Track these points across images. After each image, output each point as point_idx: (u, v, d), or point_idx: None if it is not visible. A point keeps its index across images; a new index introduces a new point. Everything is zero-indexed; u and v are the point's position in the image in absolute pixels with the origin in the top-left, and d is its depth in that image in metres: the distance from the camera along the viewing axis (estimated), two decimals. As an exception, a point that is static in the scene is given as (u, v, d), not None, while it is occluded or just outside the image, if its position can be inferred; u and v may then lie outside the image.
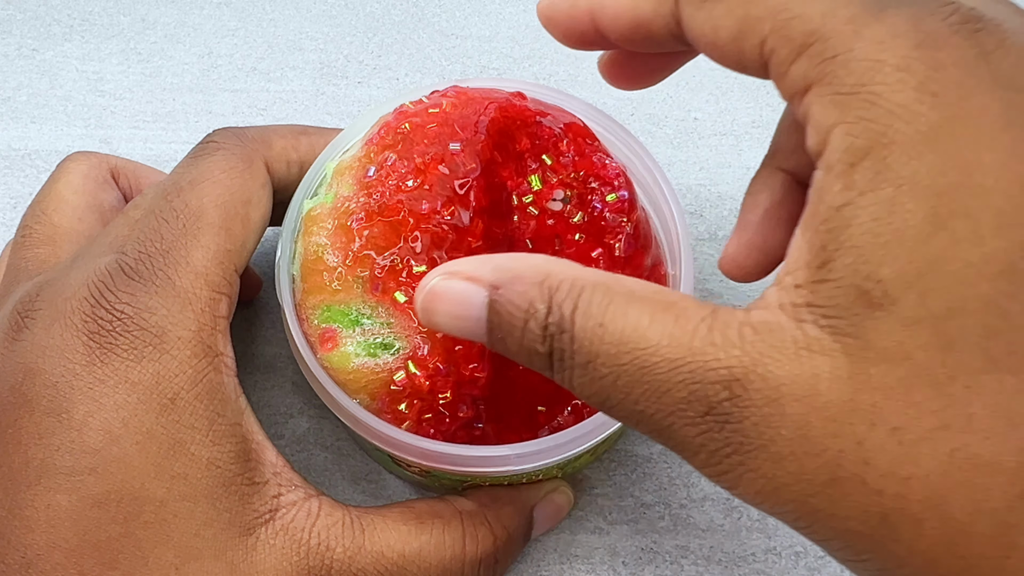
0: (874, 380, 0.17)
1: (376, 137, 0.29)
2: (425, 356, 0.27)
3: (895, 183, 0.17)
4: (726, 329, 0.18)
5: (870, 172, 0.17)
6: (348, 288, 0.27)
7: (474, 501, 0.29)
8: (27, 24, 0.43)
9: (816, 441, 0.17)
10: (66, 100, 0.42)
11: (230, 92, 0.42)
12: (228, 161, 0.28)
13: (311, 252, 0.28)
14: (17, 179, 0.40)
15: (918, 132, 0.17)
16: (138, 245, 0.26)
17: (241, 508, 0.26)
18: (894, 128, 0.17)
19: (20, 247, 0.30)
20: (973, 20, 0.18)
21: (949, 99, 0.17)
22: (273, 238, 0.36)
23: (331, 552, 0.26)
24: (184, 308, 0.26)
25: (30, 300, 0.27)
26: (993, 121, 0.17)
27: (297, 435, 0.35)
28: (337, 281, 0.27)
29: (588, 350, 0.19)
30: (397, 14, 0.44)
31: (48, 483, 0.24)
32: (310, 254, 0.28)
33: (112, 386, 0.25)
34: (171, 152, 0.40)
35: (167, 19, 0.44)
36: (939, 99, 0.17)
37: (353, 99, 0.42)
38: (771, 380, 0.17)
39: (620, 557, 0.33)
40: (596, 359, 0.19)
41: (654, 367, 0.18)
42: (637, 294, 0.20)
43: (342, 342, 0.28)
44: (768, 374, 0.17)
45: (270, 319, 0.37)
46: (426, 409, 0.27)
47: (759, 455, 0.18)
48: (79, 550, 0.24)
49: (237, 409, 0.26)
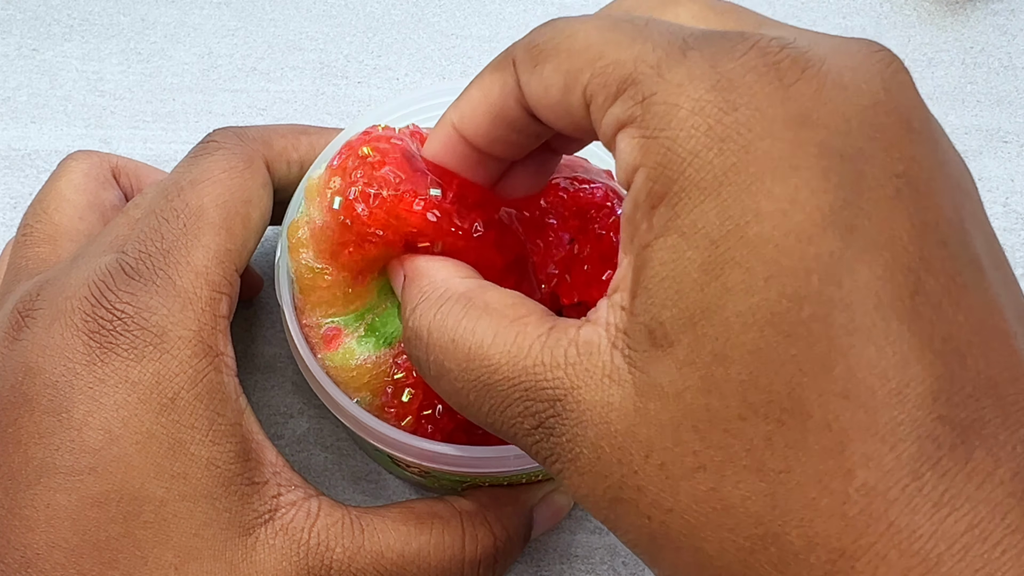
0: (651, 415, 0.18)
1: (336, 160, 0.27)
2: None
3: (679, 230, 0.18)
4: (555, 348, 0.20)
5: (664, 217, 0.18)
6: (346, 300, 0.28)
7: (474, 501, 0.29)
8: (27, 24, 0.43)
9: (605, 464, 0.19)
10: (66, 100, 0.42)
11: (230, 92, 0.42)
12: (228, 161, 0.28)
13: (303, 270, 0.28)
14: (17, 179, 0.40)
15: (703, 180, 0.17)
16: (138, 244, 0.26)
17: (241, 508, 0.26)
18: (684, 175, 0.18)
19: (21, 246, 0.30)
20: (773, 52, 0.18)
21: (736, 145, 0.17)
22: (273, 238, 0.36)
23: (331, 552, 0.26)
24: (184, 308, 0.26)
25: (30, 299, 0.27)
26: (777, 166, 0.17)
27: (297, 435, 0.35)
28: (332, 295, 0.28)
29: (441, 363, 0.21)
30: (397, 14, 0.44)
31: (48, 482, 0.24)
32: (303, 271, 0.28)
33: (112, 385, 0.25)
34: (171, 152, 0.40)
35: (167, 19, 0.44)
36: (725, 145, 0.17)
37: (353, 99, 0.42)
38: (581, 404, 0.19)
39: (620, 557, 0.33)
40: (449, 373, 0.21)
41: (496, 384, 0.20)
42: (491, 307, 0.21)
43: (345, 340, 0.28)
44: (580, 398, 0.19)
45: (270, 319, 0.37)
46: (426, 404, 0.27)
47: (571, 467, 0.19)
48: (79, 550, 0.24)
49: (237, 409, 0.26)
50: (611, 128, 0.19)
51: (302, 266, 0.27)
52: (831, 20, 0.43)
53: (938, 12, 0.44)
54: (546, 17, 0.43)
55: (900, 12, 0.44)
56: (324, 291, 0.28)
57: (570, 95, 0.20)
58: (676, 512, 0.18)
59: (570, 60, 0.20)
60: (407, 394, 0.28)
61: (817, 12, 0.43)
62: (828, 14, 0.44)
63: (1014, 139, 0.41)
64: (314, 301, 0.28)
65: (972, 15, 0.44)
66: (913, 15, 0.44)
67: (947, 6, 0.44)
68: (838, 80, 0.18)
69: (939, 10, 0.44)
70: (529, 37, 0.22)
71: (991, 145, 0.41)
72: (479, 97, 0.23)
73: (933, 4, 0.44)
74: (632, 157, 0.19)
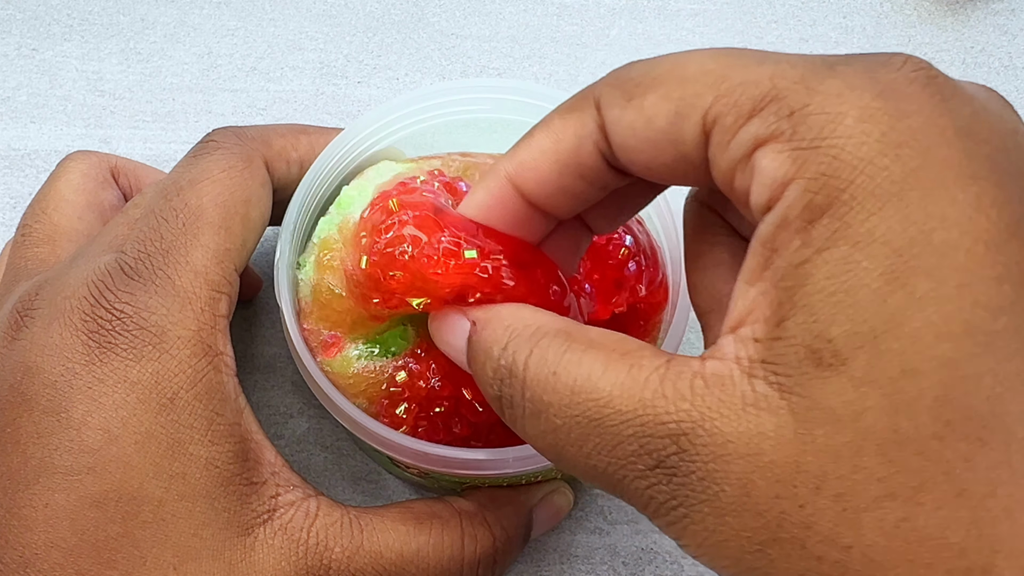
0: (819, 442, 0.16)
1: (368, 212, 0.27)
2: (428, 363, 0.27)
3: (852, 240, 0.17)
4: (678, 380, 0.18)
5: (828, 230, 0.17)
6: (354, 326, 0.28)
7: (473, 502, 0.29)
8: (27, 24, 0.43)
9: (759, 500, 0.17)
10: (66, 100, 0.42)
11: (230, 92, 0.42)
12: (227, 160, 0.28)
13: (324, 289, 0.28)
14: (17, 179, 0.40)
15: (879, 187, 0.16)
16: (137, 244, 0.26)
17: (239, 508, 0.26)
18: (855, 184, 0.17)
19: (20, 246, 0.30)
20: (926, 68, 0.18)
21: (913, 151, 0.17)
22: (273, 238, 0.36)
23: (329, 552, 0.26)
24: (184, 307, 0.26)
25: (30, 299, 0.27)
26: (957, 173, 0.17)
27: (297, 435, 0.35)
28: (342, 319, 0.28)
29: (540, 399, 0.19)
30: (397, 14, 0.44)
31: (47, 482, 0.24)
32: (323, 290, 0.28)
33: (111, 385, 0.25)
34: (171, 152, 0.40)
35: (167, 19, 0.43)
36: (902, 151, 0.17)
37: (353, 99, 0.42)
38: (717, 436, 0.17)
39: (620, 557, 0.33)
40: (548, 409, 0.19)
41: (605, 419, 0.18)
42: (596, 342, 0.19)
43: (345, 348, 0.28)
44: (715, 430, 0.17)
45: (270, 319, 0.37)
46: (423, 417, 0.27)
47: (702, 509, 0.17)
48: (77, 549, 0.24)
49: (236, 409, 0.26)
50: (746, 147, 0.18)
51: (324, 285, 0.28)
52: (831, 20, 0.43)
53: (938, 12, 0.44)
54: (546, 17, 0.43)
55: (900, 12, 0.44)
56: (337, 313, 0.28)
57: (683, 121, 0.19)
58: (857, 548, 0.16)
59: (683, 87, 0.19)
60: (402, 409, 0.28)
61: (817, 12, 0.43)
62: (828, 14, 0.43)
63: (1014, 139, 0.41)
64: (323, 315, 0.28)
65: (972, 15, 0.44)
66: (913, 15, 0.44)
67: (947, 6, 0.44)
68: (984, 103, 0.18)
69: (939, 10, 0.44)
70: (615, 75, 0.20)
71: (991, 145, 0.41)
72: (547, 143, 0.22)
73: (933, 4, 0.44)
74: (781, 171, 0.17)
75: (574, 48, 0.43)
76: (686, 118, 0.19)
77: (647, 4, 0.44)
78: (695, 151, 0.19)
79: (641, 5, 0.44)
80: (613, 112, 0.20)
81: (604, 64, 0.43)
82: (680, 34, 0.43)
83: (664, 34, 0.43)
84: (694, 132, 0.19)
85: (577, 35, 0.43)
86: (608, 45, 0.43)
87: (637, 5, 0.44)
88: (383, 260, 0.24)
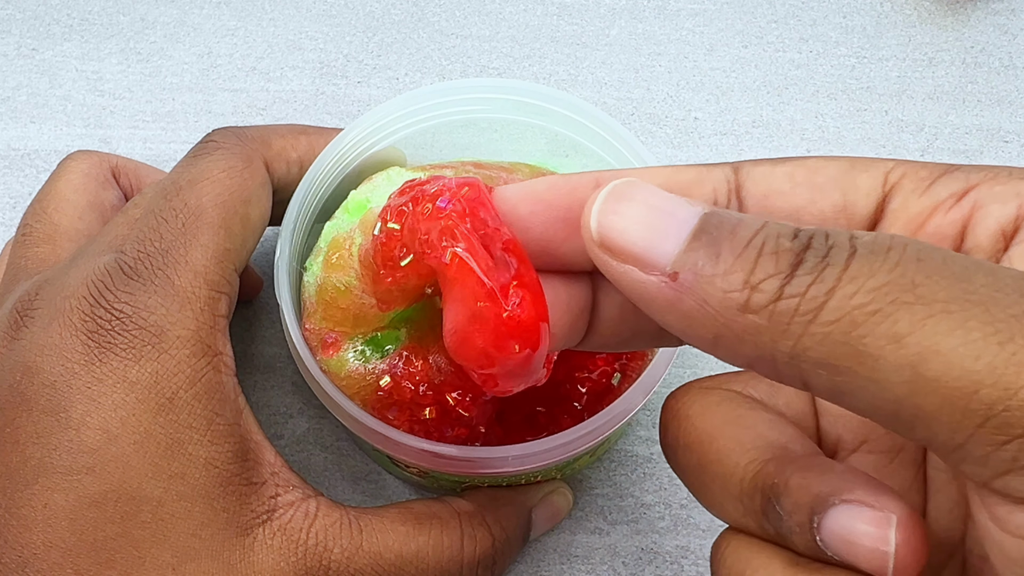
0: None
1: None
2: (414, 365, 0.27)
3: None
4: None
5: None
6: (357, 322, 0.28)
7: (472, 502, 0.29)
8: (26, 24, 0.43)
9: None
10: (65, 100, 0.42)
11: (230, 92, 0.42)
12: (227, 160, 0.28)
13: (330, 287, 0.28)
14: (17, 179, 0.40)
15: None
16: (137, 244, 0.26)
17: (239, 508, 0.26)
18: None
19: (20, 246, 0.30)
20: None
21: None
22: (273, 238, 0.36)
23: (329, 552, 0.26)
24: (183, 307, 0.26)
25: (29, 299, 0.27)
26: None
27: (297, 435, 0.35)
28: (345, 316, 0.28)
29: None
30: (397, 14, 0.44)
31: (46, 482, 0.24)
32: (329, 287, 0.28)
33: (110, 385, 0.25)
34: (171, 152, 0.40)
35: (167, 19, 0.43)
36: None
37: (353, 99, 0.42)
38: None
39: (620, 557, 0.33)
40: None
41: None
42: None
43: (343, 348, 0.28)
44: None
45: (270, 319, 0.37)
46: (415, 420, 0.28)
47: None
48: (76, 549, 0.24)
49: (235, 409, 0.26)
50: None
51: (330, 283, 0.27)
52: (831, 20, 0.43)
53: (938, 12, 0.44)
54: (546, 17, 0.43)
55: (900, 12, 0.44)
56: (341, 310, 0.28)
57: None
58: None
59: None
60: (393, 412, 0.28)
61: (817, 12, 0.43)
62: (828, 14, 0.43)
63: (1014, 139, 0.41)
64: (327, 314, 0.28)
65: (972, 15, 0.44)
66: (913, 15, 0.44)
67: (947, 6, 0.44)
68: None
69: (939, 10, 0.44)
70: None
71: (991, 145, 0.41)
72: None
73: (933, 4, 0.44)
74: None
75: (574, 48, 0.43)
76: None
77: (647, 4, 0.44)
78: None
79: (641, 5, 0.44)
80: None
81: (604, 64, 0.43)
82: (680, 34, 0.43)
83: (664, 34, 0.43)
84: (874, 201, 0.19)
85: (577, 35, 0.43)
86: (608, 45, 0.43)
87: (637, 5, 0.44)
88: (391, 216, 0.22)
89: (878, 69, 0.42)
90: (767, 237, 0.16)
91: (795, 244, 0.16)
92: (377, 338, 0.28)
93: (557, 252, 0.20)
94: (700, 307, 0.16)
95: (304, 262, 0.30)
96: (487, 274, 0.19)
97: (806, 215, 0.19)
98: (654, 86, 0.42)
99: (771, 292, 0.15)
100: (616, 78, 0.42)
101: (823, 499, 0.17)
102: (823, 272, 0.15)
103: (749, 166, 0.19)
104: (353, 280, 0.28)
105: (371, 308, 0.27)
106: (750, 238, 0.16)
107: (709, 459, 0.19)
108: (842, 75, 0.42)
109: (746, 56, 0.43)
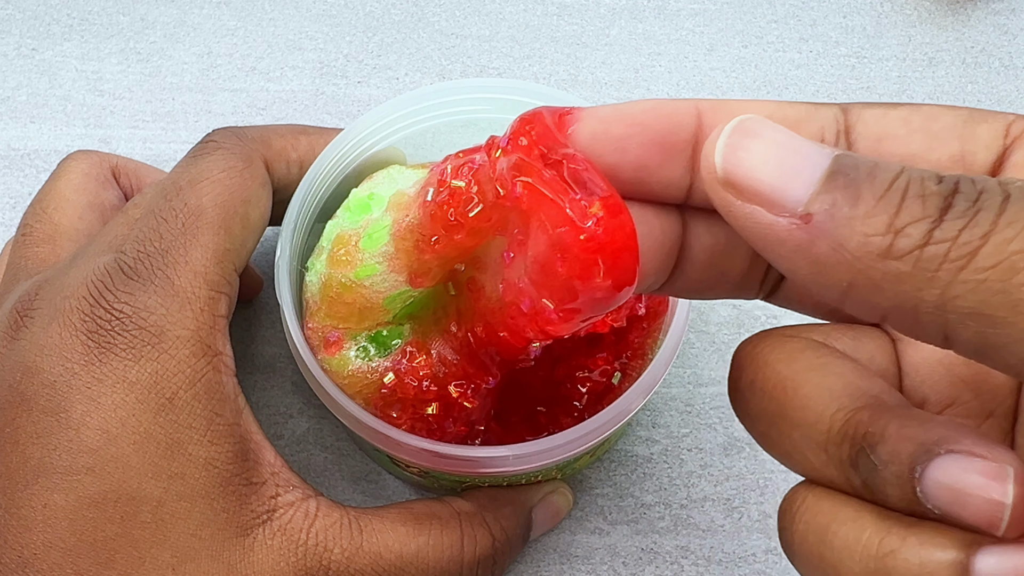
0: None
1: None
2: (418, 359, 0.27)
3: None
4: None
5: None
6: (362, 317, 0.28)
7: (472, 502, 0.29)
8: (26, 24, 0.43)
9: None
10: (65, 100, 0.42)
11: (230, 92, 0.42)
12: (227, 160, 0.28)
13: (334, 283, 0.28)
14: (16, 179, 0.40)
15: None
16: (137, 244, 0.26)
17: (238, 508, 0.26)
18: None
19: (20, 245, 0.30)
20: None
21: None
22: (273, 238, 0.36)
23: (329, 553, 0.26)
24: (183, 307, 0.26)
25: (29, 299, 0.27)
26: None
27: (297, 435, 0.35)
28: (351, 311, 0.28)
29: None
30: (397, 14, 0.44)
31: (45, 482, 0.24)
32: (333, 283, 0.28)
33: (110, 385, 0.25)
34: (171, 152, 0.40)
35: (166, 19, 0.43)
36: None
37: (353, 99, 0.42)
38: None
39: (620, 557, 0.33)
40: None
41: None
42: None
43: (345, 346, 0.28)
44: None
45: (270, 319, 0.37)
46: (418, 418, 0.28)
47: None
48: (76, 549, 0.24)
49: (235, 409, 0.26)
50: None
51: (335, 279, 0.27)
52: (831, 20, 0.43)
53: (938, 12, 0.44)
54: (546, 17, 0.43)
55: (900, 12, 0.44)
56: (346, 305, 0.28)
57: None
58: None
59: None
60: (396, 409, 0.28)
61: (817, 12, 0.43)
62: (828, 14, 0.43)
63: (1015, 139, 0.41)
64: (332, 311, 0.28)
65: (972, 15, 0.44)
66: (913, 15, 0.44)
67: (947, 6, 0.44)
68: None
69: (939, 10, 0.44)
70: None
71: (992, 145, 0.41)
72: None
73: (933, 4, 0.44)
74: None
75: (574, 48, 0.43)
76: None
77: (647, 4, 0.44)
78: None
79: (641, 5, 0.44)
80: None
81: (604, 64, 0.43)
82: (680, 34, 0.43)
83: (664, 34, 0.43)
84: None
85: (577, 35, 0.43)
86: (608, 45, 0.43)
87: (637, 5, 0.44)
88: (452, 175, 0.22)
89: (878, 69, 0.42)
90: (911, 180, 0.15)
91: (942, 188, 0.15)
92: (381, 334, 0.28)
93: (650, 180, 0.18)
94: (834, 252, 0.15)
95: (305, 262, 0.30)
96: (563, 197, 0.18)
97: (921, 163, 0.18)
98: (654, 86, 0.42)
99: (918, 237, 0.14)
100: (616, 78, 0.42)
101: (928, 448, 0.16)
102: (976, 216, 0.14)
103: (859, 108, 0.18)
104: (363, 273, 0.27)
105: (377, 301, 0.27)
106: (892, 180, 0.15)
107: (793, 405, 0.18)
108: (842, 75, 0.42)
109: (746, 56, 0.43)
